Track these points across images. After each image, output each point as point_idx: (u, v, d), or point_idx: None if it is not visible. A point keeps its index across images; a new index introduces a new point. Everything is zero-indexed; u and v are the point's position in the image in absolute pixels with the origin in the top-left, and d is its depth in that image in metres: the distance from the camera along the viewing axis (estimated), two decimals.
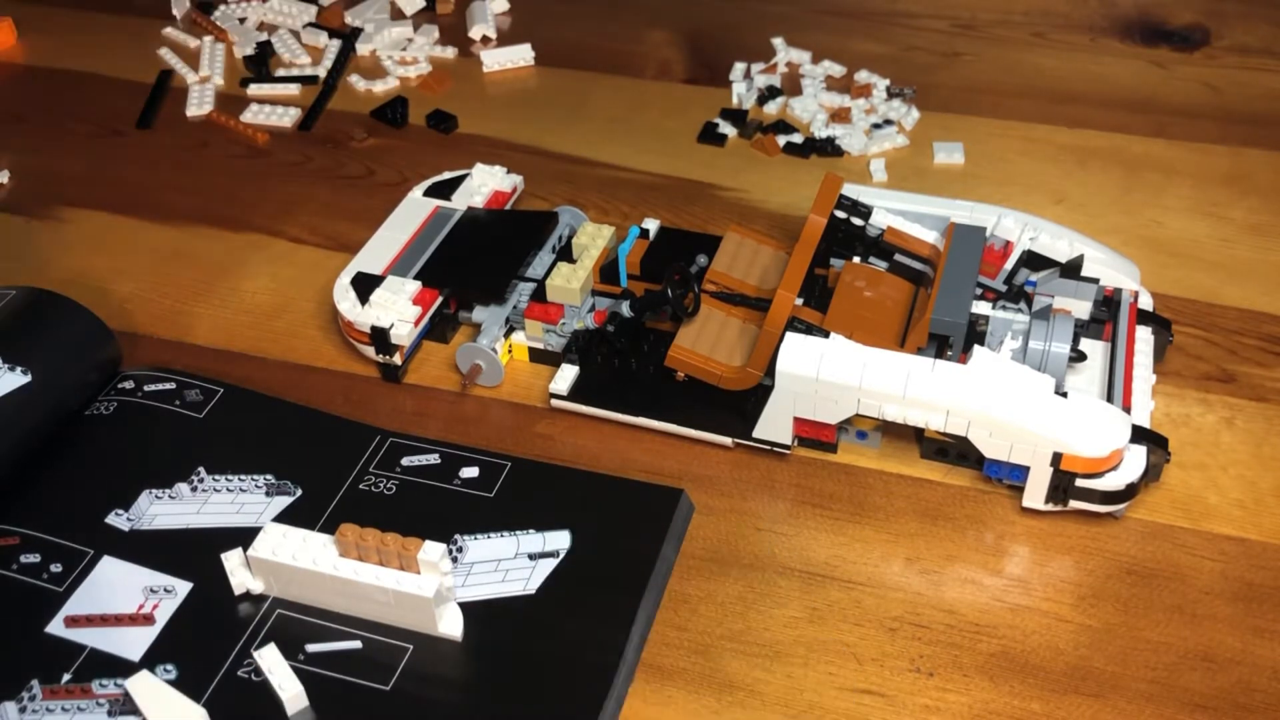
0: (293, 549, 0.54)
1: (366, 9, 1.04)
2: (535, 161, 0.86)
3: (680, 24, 1.02)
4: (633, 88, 0.94)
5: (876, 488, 0.62)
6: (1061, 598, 0.57)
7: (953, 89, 0.92)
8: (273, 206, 0.83)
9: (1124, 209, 0.80)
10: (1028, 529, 0.60)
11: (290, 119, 0.92)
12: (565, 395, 0.65)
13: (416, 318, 0.67)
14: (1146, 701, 0.52)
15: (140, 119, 0.93)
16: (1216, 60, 0.94)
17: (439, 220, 0.74)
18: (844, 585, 0.57)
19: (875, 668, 0.54)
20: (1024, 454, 0.58)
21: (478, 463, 0.62)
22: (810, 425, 0.62)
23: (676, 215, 0.81)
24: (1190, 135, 0.86)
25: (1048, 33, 0.98)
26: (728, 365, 0.63)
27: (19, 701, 0.51)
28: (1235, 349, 0.69)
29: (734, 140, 0.88)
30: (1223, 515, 0.60)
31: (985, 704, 0.53)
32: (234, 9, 1.05)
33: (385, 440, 0.64)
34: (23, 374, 0.62)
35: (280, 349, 0.72)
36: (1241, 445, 0.64)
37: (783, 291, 0.61)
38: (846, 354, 0.59)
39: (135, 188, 0.86)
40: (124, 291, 0.76)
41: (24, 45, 1.03)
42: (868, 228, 0.69)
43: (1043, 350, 0.61)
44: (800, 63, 0.95)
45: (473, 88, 0.95)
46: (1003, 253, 0.66)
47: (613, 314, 0.67)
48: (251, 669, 0.53)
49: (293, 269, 0.78)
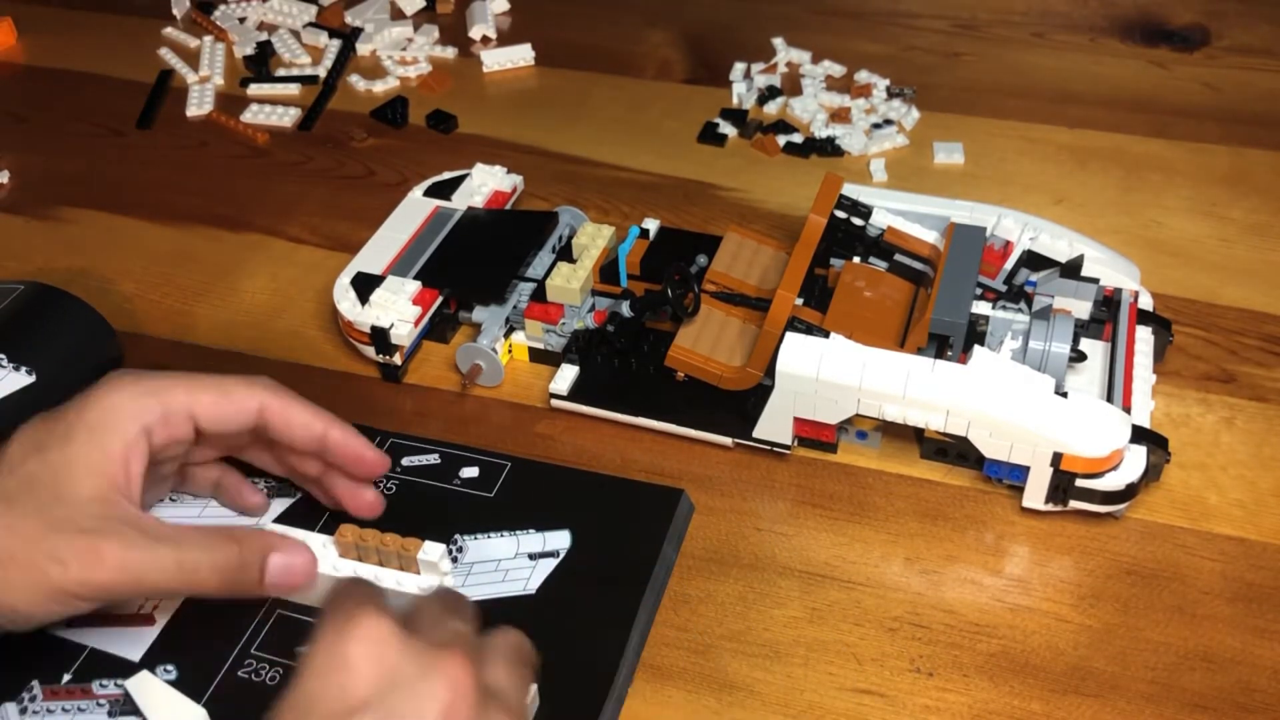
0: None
1: (366, 9, 1.04)
2: (535, 161, 0.86)
3: (680, 24, 1.02)
4: (633, 88, 0.94)
5: (876, 488, 0.62)
6: (1061, 598, 0.57)
7: (953, 89, 0.92)
8: (273, 206, 0.83)
9: (1124, 209, 0.80)
10: (1028, 529, 0.60)
11: (290, 119, 0.92)
12: (565, 395, 0.65)
13: (416, 318, 0.67)
14: (1146, 701, 0.52)
15: (140, 119, 0.93)
16: (1216, 60, 0.94)
17: (439, 220, 0.74)
18: (844, 585, 0.57)
19: (875, 668, 0.54)
20: (1024, 454, 0.58)
21: (478, 462, 0.62)
22: (810, 425, 0.62)
23: (676, 215, 0.81)
24: (1190, 135, 0.86)
25: (1048, 33, 0.98)
26: (728, 365, 0.63)
27: (19, 702, 0.51)
28: (1235, 349, 0.69)
29: (734, 140, 0.88)
30: (1223, 515, 0.60)
31: (985, 704, 0.53)
32: (234, 9, 1.05)
33: (385, 440, 0.64)
34: (28, 374, 0.62)
35: (280, 349, 0.72)
36: (1241, 445, 0.64)
37: (783, 291, 0.61)
38: (846, 354, 0.59)
39: (135, 188, 0.86)
40: (124, 291, 0.77)
41: (24, 45, 1.03)
42: (868, 228, 0.69)
43: (1043, 350, 0.61)
44: (800, 63, 0.95)
45: (473, 88, 0.95)
46: (1003, 253, 0.66)
47: (613, 314, 0.67)
48: (252, 669, 0.53)
49: (293, 269, 0.78)
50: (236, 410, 0.51)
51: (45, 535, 0.45)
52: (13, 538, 0.45)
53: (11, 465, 0.47)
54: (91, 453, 0.47)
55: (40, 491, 0.46)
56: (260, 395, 0.51)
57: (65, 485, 0.46)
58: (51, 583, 0.45)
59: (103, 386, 0.49)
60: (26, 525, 0.45)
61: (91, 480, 0.47)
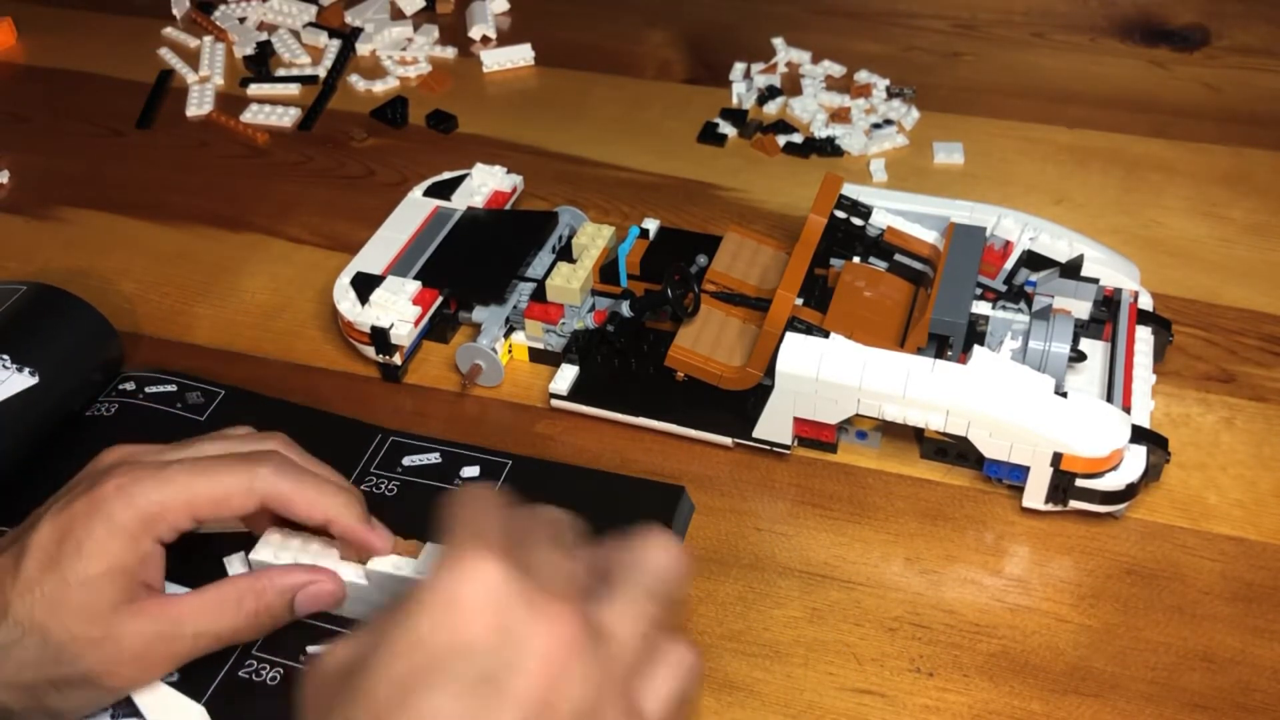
0: (294, 551, 0.54)
1: (366, 9, 1.04)
2: (535, 161, 0.86)
3: (680, 24, 1.02)
4: (633, 88, 0.95)
5: (876, 488, 0.62)
6: (1061, 598, 0.57)
7: (953, 89, 0.92)
8: (273, 206, 0.83)
9: (1124, 209, 0.80)
10: (1028, 529, 0.60)
11: (290, 119, 0.92)
12: (565, 395, 0.65)
13: (416, 318, 0.67)
14: (1146, 701, 0.52)
15: (140, 119, 0.93)
16: (1216, 60, 0.94)
17: (439, 220, 0.74)
18: (844, 585, 0.57)
19: (875, 668, 0.54)
20: (1024, 454, 0.58)
21: (479, 461, 0.62)
22: (810, 425, 0.62)
23: (676, 215, 0.81)
24: (1190, 135, 0.86)
25: (1048, 33, 0.98)
26: (728, 365, 0.63)
27: None
28: (1235, 349, 0.69)
29: (734, 140, 0.88)
30: (1222, 515, 0.60)
31: (985, 704, 0.53)
32: (234, 9, 1.05)
33: (386, 440, 0.64)
34: (31, 375, 0.62)
35: (280, 349, 0.72)
36: (1241, 445, 0.64)
37: (783, 291, 0.61)
38: (846, 354, 0.59)
39: (135, 188, 0.86)
40: (124, 291, 0.77)
41: (24, 45, 1.03)
42: (868, 228, 0.69)
43: (1043, 350, 0.61)
44: (800, 63, 0.95)
45: (473, 88, 0.95)
46: (1003, 253, 0.66)
47: (613, 314, 0.67)
48: (253, 669, 0.53)
49: (293, 269, 0.78)
50: (236, 508, 0.52)
51: (92, 656, 0.48)
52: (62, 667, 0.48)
53: (29, 586, 0.48)
54: (109, 572, 0.49)
55: (68, 617, 0.48)
56: (260, 491, 0.51)
57: (91, 604, 0.49)
58: (108, 690, 0.50)
59: (107, 500, 0.50)
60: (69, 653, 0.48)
61: (115, 594, 0.49)
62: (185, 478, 0.50)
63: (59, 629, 0.48)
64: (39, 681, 0.48)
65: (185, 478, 0.50)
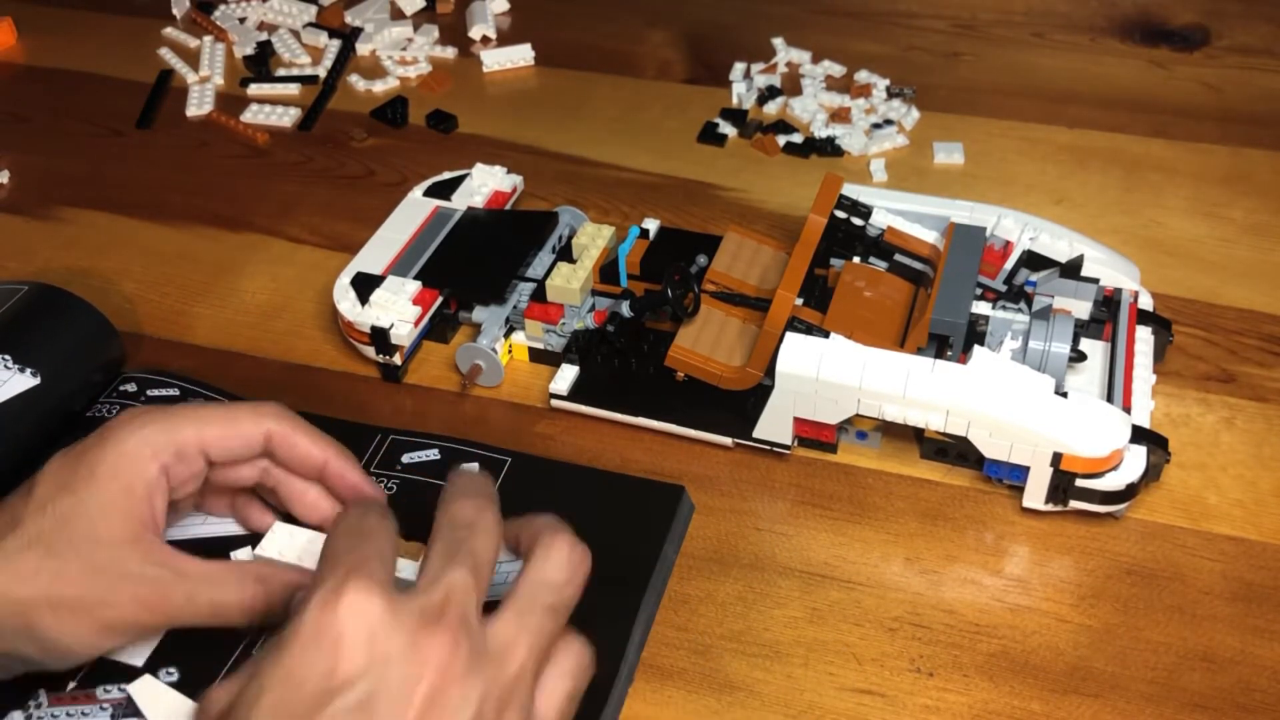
0: (299, 549, 0.54)
1: (366, 9, 1.04)
2: (535, 161, 0.86)
3: (680, 24, 1.02)
4: (633, 88, 0.95)
5: (876, 488, 0.62)
6: (1061, 598, 0.57)
7: (953, 89, 0.92)
8: (273, 206, 0.83)
9: (1124, 209, 0.80)
10: (1028, 529, 0.60)
11: (290, 119, 0.92)
12: (565, 395, 0.66)
13: (416, 318, 0.67)
14: (1146, 701, 0.53)
15: (140, 119, 0.93)
16: (1216, 60, 0.94)
17: (439, 220, 0.74)
18: (844, 585, 0.58)
19: (875, 668, 0.54)
20: (1024, 454, 0.58)
21: (478, 458, 0.62)
22: (810, 425, 0.62)
23: (676, 215, 0.81)
24: (1190, 135, 0.86)
25: (1048, 33, 0.98)
26: (728, 365, 0.63)
27: (26, 710, 0.51)
28: (1235, 349, 0.69)
29: (734, 140, 0.88)
30: (1222, 515, 0.60)
31: (985, 704, 0.53)
32: (234, 9, 1.05)
33: (386, 438, 0.64)
34: (32, 375, 0.62)
35: (280, 349, 0.72)
36: (1241, 445, 0.64)
37: (783, 291, 0.61)
38: (846, 354, 0.59)
39: (135, 188, 0.86)
40: (124, 291, 0.77)
41: (24, 45, 1.03)
42: (868, 228, 0.69)
43: (1043, 350, 0.61)
44: (800, 63, 0.95)
45: (473, 88, 0.95)
46: (1003, 253, 0.67)
47: (613, 314, 0.67)
48: None
49: (293, 269, 0.78)
50: (243, 441, 0.53)
51: (92, 580, 0.48)
52: (62, 584, 0.48)
53: (40, 505, 0.49)
54: (119, 495, 0.49)
55: (76, 535, 0.48)
56: (267, 423, 0.53)
57: (100, 528, 0.49)
58: (100, 624, 0.48)
59: (119, 427, 0.51)
60: (71, 570, 0.48)
61: (124, 523, 0.49)
62: (194, 412, 0.52)
63: (65, 546, 0.48)
64: (35, 596, 0.47)
65: (194, 412, 0.52)
